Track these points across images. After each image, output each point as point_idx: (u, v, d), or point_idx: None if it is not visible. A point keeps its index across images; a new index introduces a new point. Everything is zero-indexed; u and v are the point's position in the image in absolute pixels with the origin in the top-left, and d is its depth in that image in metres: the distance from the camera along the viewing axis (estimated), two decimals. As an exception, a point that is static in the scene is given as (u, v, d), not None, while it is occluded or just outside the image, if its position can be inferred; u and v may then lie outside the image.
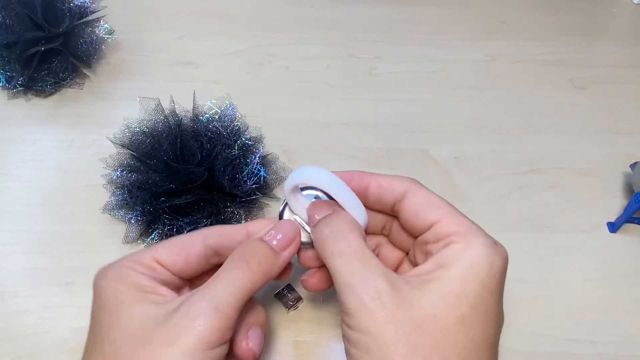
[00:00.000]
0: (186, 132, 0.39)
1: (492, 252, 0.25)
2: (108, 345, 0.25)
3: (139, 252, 0.29)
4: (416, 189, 0.29)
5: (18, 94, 0.48)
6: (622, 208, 0.42)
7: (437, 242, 0.27)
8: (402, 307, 0.24)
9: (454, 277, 0.25)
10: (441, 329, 0.24)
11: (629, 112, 0.49)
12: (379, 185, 0.29)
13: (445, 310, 0.24)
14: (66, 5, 0.48)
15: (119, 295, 0.26)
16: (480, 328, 0.24)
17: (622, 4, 0.60)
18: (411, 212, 0.28)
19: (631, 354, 0.35)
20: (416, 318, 0.24)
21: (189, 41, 0.54)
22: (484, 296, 0.25)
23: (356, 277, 0.25)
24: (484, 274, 0.25)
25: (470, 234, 0.26)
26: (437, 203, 0.28)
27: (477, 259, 0.25)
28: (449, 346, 0.23)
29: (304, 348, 0.35)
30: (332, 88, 0.51)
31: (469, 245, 0.26)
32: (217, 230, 0.30)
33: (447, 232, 0.27)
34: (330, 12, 0.58)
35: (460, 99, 0.50)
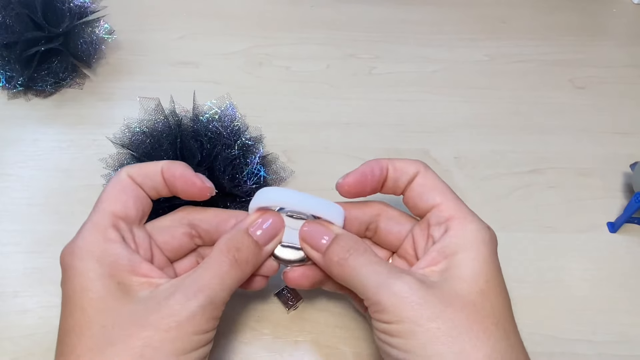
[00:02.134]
0: (186, 132, 0.39)
1: (488, 233, 0.29)
2: (98, 329, 0.25)
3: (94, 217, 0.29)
4: (425, 171, 0.31)
5: (18, 94, 0.48)
6: (622, 208, 0.42)
7: (438, 225, 0.30)
8: (430, 291, 0.26)
9: (462, 262, 0.27)
10: (469, 302, 0.26)
11: (629, 112, 0.49)
12: (395, 168, 0.32)
13: (467, 288, 0.27)
14: (66, 5, 0.48)
15: (103, 280, 0.26)
16: (499, 298, 0.27)
17: (622, 4, 0.60)
18: (417, 192, 0.31)
19: (631, 354, 0.35)
20: (445, 298, 0.26)
21: (189, 41, 0.54)
22: (492, 271, 0.28)
23: (383, 277, 0.27)
24: (486, 253, 0.28)
25: (467, 220, 0.29)
26: (440, 188, 0.31)
27: (477, 241, 0.28)
28: (481, 316, 0.26)
29: (304, 348, 0.35)
30: (332, 88, 0.51)
31: (467, 231, 0.28)
32: (139, 170, 0.31)
33: (447, 216, 0.29)
34: (330, 12, 0.58)
35: (460, 99, 0.50)
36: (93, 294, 0.26)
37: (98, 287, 0.26)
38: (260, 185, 0.40)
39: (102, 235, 0.28)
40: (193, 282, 0.27)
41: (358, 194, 0.32)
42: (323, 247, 0.30)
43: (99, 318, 0.26)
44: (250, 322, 0.35)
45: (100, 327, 0.25)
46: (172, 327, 0.25)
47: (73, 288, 0.27)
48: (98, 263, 0.27)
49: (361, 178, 0.31)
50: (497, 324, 0.26)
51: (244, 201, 0.39)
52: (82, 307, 0.26)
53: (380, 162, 0.32)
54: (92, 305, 0.26)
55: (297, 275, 0.32)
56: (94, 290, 0.26)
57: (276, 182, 0.42)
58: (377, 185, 0.32)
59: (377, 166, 0.31)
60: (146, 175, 0.30)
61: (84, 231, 0.28)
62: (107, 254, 0.27)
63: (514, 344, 0.26)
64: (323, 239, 0.30)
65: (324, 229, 0.31)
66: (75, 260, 0.27)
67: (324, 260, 0.30)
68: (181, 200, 0.36)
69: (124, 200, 0.30)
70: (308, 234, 0.31)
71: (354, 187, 0.31)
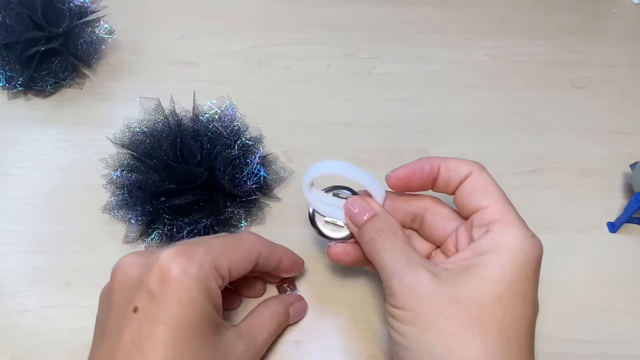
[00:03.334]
0: (186, 132, 0.39)
1: (529, 242, 0.27)
2: None
3: (219, 258, 0.29)
4: (479, 172, 0.31)
5: (18, 94, 0.48)
6: (622, 208, 0.42)
7: (480, 227, 0.29)
8: (440, 287, 0.27)
9: (491, 264, 0.27)
10: (478, 305, 0.26)
11: (629, 112, 0.49)
12: (447, 168, 0.31)
13: (482, 291, 0.26)
14: (66, 5, 0.48)
15: (207, 317, 0.28)
16: (517, 309, 0.26)
17: (622, 4, 0.60)
18: (466, 193, 0.31)
19: (631, 354, 0.35)
20: (453, 295, 0.26)
21: (189, 41, 0.54)
22: (520, 280, 0.26)
23: (399, 265, 0.28)
24: (520, 262, 0.27)
25: (510, 225, 0.28)
26: (491, 190, 0.30)
27: (513, 247, 0.27)
28: (487, 320, 0.25)
29: (304, 348, 0.35)
30: (332, 88, 0.51)
31: (506, 234, 0.28)
32: (266, 252, 0.32)
33: (491, 219, 0.29)
34: (330, 12, 0.58)
35: (460, 99, 0.50)
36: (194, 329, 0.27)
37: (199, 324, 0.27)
38: (260, 185, 0.40)
39: (213, 272, 0.29)
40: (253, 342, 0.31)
41: (405, 188, 0.32)
42: (361, 223, 0.31)
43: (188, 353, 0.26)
44: (250, 322, 0.35)
45: None
46: None
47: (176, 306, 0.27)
48: (208, 300, 0.28)
49: (410, 173, 0.32)
50: (501, 332, 0.25)
51: (244, 201, 0.39)
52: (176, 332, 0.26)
53: (432, 161, 0.32)
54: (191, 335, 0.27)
55: (340, 250, 0.33)
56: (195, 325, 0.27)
57: (276, 182, 0.42)
58: (426, 183, 0.32)
59: (428, 164, 0.32)
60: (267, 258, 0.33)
61: (205, 264, 0.28)
62: (213, 295, 0.28)
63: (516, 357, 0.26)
64: (365, 215, 0.31)
65: (366, 206, 0.32)
66: (194, 287, 0.27)
67: (359, 235, 0.31)
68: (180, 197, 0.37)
69: (241, 267, 0.31)
70: (351, 207, 0.32)
71: (401, 181, 0.32)
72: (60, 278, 0.37)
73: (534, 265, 0.27)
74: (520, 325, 0.26)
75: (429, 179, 0.32)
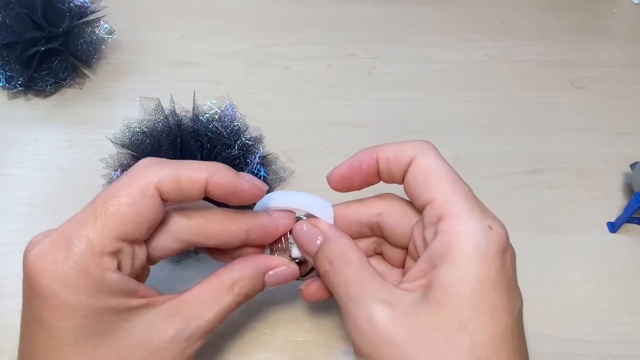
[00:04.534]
0: (186, 132, 0.39)
1: (484, 240, 0.23)
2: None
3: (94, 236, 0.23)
4: (422, 156, 0.26)
5: (18, 94, 0.48)
6: (622, 208, 0.42)
7: (430, 227, 0.25)
8: (398, 324, 0.23)
9: (445, 280, 0.23)
10: (441, 339, 0.22)
11: (629, 112, 0.49)
12: (386, 158, 0.27)
13: (443, 318, 0.22)
14: (66, 5, 0.48)
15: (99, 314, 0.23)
16: (488, 328, 0.22)
17: (622, 4, 0.60)
18: (412, 184, 0.26)
19: (631, 354, 0.35)
20: (414, 332, 0.22)
21: (189, 41, 0.54)
22: (483, 292, 0.22)
23: (352, 303, 0.24)
24: (478, 268, 0.22)
25: (458, 221, 0.24)
26: (438, 176, 0.25)
27: (466, 252, 0.23)
28: (453, 354, 0.22)
29: (304, 348, 0.35)
30: (332, 88, 0.51)
31: (456, 236, 0.23)
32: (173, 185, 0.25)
33: (439, 215, 0.24)
34: (330, 12, 0.58)
35: (460, 99, 0.50)
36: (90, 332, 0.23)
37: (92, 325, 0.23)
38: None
39: (98, 261, 0.23)
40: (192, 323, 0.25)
41: (347, 188, 0.28)
42: (314, 250, 0.27)
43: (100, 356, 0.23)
44: (250, 322, 0.35)
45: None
46: None
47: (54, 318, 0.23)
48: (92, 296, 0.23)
49: (348, 172, 0.28)
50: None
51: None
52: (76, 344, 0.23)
53: (369, 152, 0.28)
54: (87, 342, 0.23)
55: (313, 290, 0.29)
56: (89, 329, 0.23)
57: (276, 182, 0.42)
58: (368, 179, 0.28)
59: (366, 157, 0.27)
60: (181, 190, 0.25)
61: (77, 255, 0.23)
62: (103, 285, 0.23)
63: None
64: (316, 240, 0.27)
65: (314, 230, 0.27)
66: (67, 292, 0.22)
67: (317, 267, 0.27)
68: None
69: (138, 222, 0.24)
70: (300, 233, 0.28)
71: (342, 182, 0.28)
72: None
73: (495, 265, 0.23)
74: (495, 344, 0.22)
75: (369, 174, 0.28)
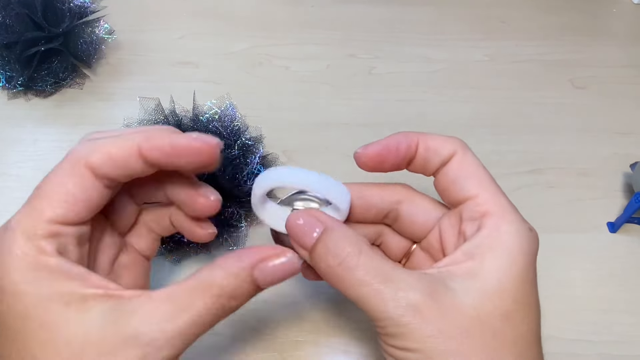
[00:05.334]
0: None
1: (528, 239, 0.24)
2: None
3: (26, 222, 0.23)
4: (463, 153, 0.26)
5: (18, 94, 0.48)
6: (622, 208, 0.42)
7: (472, 221, 0.25)
8: (444, 315, 0.22)
9: (490, 272, 0.23)
10: (488, 329, 0.22)
11: (629, 112, 0.49)
12: (427, 147, 0.27)
13: (488, 308, 0.23)
14: (66, 5, 0.48)
15: (48, 303, 0.21)
16: (526, 321, 0.23)
17: (622, 4, 0.60)
18: (450, 178, 0.26)
19: (631, 354, 0.35)
20: (461, 323, 0.22)
21: (189, 41, 0.54)
22: (524, 288, 0.23)
23: (388, 303, 0.22)
24: (521, 266, 0.23)
25: (506, 219, 0.25)
26: (480, 175, 0.26)
27: (511, 249, 0.24)
28: (500, 346, 0.22)
29: (304, 348, 0.35)
30: (332, 88, 0.51)
31: (503, 233, 0.24)
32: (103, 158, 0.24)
33: (483, 211, 0.25)
34: (330, 12, 0.58)
35: (460, 99, 0.50)
36: (38, 322, 0.21)
37: (42, 314, 0.21)
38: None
39: (35, 245, 0.22)
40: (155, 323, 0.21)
41: (376, 168, 0.27)
42: (310, 244, 0.25)
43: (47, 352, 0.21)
44: (250, 322, 0.35)
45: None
46: None
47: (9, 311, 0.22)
48: (37, 285, 0.21)
49: (383, 152, 0.27)
50: (517, 355, 0.23)
51: (243, 201, 0.39)
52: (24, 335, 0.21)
53: (409, 137, 0.27)
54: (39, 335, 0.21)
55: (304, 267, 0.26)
56: (37, 318, 0.21)
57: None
58: (401, 162, 0.27)
59: (405, 141, 0.27)
60: (115, 164, 0.23)
61: (10, 242, 0.22)
62: (44, 271, 0.22)
63: None
64: (314, 232, 0.25)
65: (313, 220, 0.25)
66: (7, 282, 0.22)
67: (313, 263, 0.25)
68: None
69: (70, 204, 0.23)
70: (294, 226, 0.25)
71: (373, 160, 0.27)
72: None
73: (533, 264, 0.24)
74: (531, 339, 0.23)
75: (405, 159, 0.27)
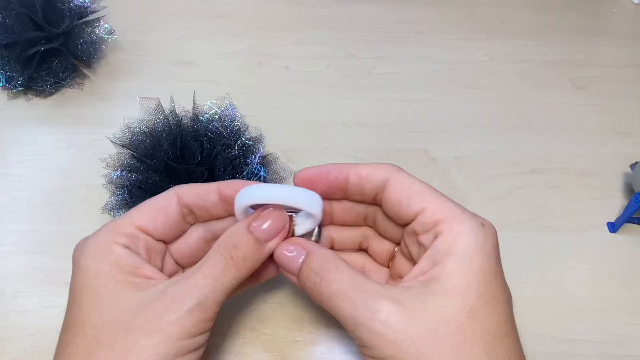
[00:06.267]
0: (186, 132, 0.39)
1: (482, 235, 0.25)
2: (90, 329, 0.25)
3: (118, 221, 0.28)
4: (396, 176, 0.28)
5: (18, 94, 0.48)
6: (622, 208, 0.42)
7: (427, 232, 0.27)
8: (412, 320, 0.24)
9: (451, 273, 0.25)
10: (456, 328, 0.24)
11: (629, 112, 0.49)
12: (359, 176, 0.29)
13: (454, 307, 0.24)
14: (66, 5, 0.48)
15: (102, 277, 0.26)
16: (494, 316, 0.24)
17: (622, 4, 0.60)
18: (394, 202, 0.28)
19: (631, 354, 0.35)
20: (429, 325, 0.24)
21: (189, 41, 0.54)
22: (487, 282, 0.25)
23: (359, 310, 0.25)
24: (480, 261, 0.25)
25: (457, 221, 0.26)
26: (419, 190, 0.28)
27: (468, 247, 0.25)
28: (469, 342, 0.24)
29: (304, 348, 0.35)
30: (332, 88, 0.51)
31: (457, 235, 0.25)
32: (190, 190, 0.30)
33: (434, 220, 0.26)
34: (330, 12, 0.58)
35: (460, 99, 0.50)
36: (91, 292, 0.26)
37: (96, 285, 0.26)
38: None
39: (113, 237, 0.27)
40: (183, 283, 0.26)
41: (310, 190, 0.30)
42: (297, 269, 0.28)
43: (93, 318, 0.25)
44: (250, 322, 0.35)
45: (92, 327, 0.25)
46: (156, 332, 0.24)
47: (76, 285, 0.27)
48: (100, 261, 0.27)
49: (314, 177, 0.29)
50: (488, 351, 0.24)
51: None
52: (79, 305, 0.26)
53: (340, 167, 0.29)
54: (89, 303, 0.26)
55: None
56: (92, 288, 0.26)
57: (276, 182, 0.42)
58: (331, 190, 0.30)
59: (336, 171, 0.29)
60: (197, 194, 0.29)
61: (101, 230, 0.28)
62: (111, 253, 0.27)
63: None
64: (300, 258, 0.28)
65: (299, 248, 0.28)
66: (82, 257, 0.27)
67: (301, 285, 0.28)
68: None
69: (153, 217, 0.29)
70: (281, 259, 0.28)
71: (305, 183, 0.29)
72: (60, 278, 0.37)
73: (493, 258, 0.25)
74: (501, 331, 0.24)
75: (334, 186, 0.29)
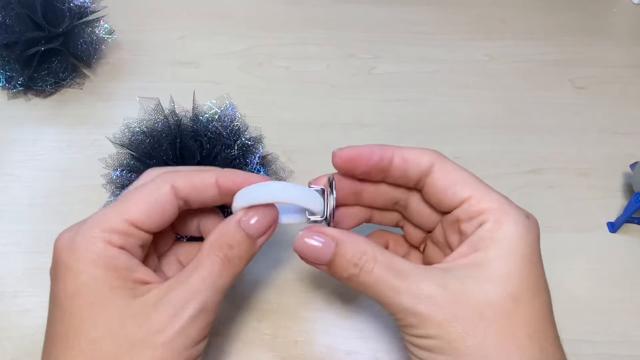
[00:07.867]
0: (186, 132, 0.39)
1: (526, 227, 0.25)
2: (87, 343, 0.24)
3: (107, 214, 0.26)
4: (442, 163, 0.28)
5: (18, 94, 0.48)
6: (622, 208, 0.42)
7: (470, 221, 0.26)
8: (457, 301, 0.24)
9: (494, 260, 0.25)
10: (501, 311, 0.24)
11: (629, 112, 0.49)
12: (404, 159, 0.28)
13: (498, 292, 0.24)
14: (66, 5, 0.48)
15: (96, 283, 0.24)
16: (535, 302, 0.25)
17: (622, 4, 0.60)
18: (440, 188, 0.28)
19: (631, 354, 0.35)
20: (474, 307, 0.24)
21: (189, 41, 0.54)
22: (529, 272, 0.25)
23: (402, 296, 0.25)
24: (523, 251, 0.25)
25: (502, 211, 0.26)
26: (466, 178, 0.27)
27: (512, 237, 0.25)
28: (514, 327, 0.24)
29: (304, 348, 0.35)
30: (332, 88, 0.51)
31: (502, 224, 0.25)
32: (186, 182, 0.28)
33: (479, 210, 0.26)
34: (331, 12, 0.58)
35: (460, 99, 0.50)
36: (83, 300, 0.24)
37: (90, 292, 0.24)
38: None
39: (106, 236, 0.26)
40: (182, 288, 0.25)
41: (348, 171, 0.29)
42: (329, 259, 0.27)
43: (88, 329, 0.24)
44: (251, 322, 0.35)
45: (90, 341, 0.24)
46: (161, 344, 0.24)
47: (64, 290, 0.25)
48: (94, 265, 0.25)
49: (355, 157, 0.28)
50: (531, 337, 0.24)
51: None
52: (70, 314, 0.24)
53: (384, 149, 0.28)
54: (82, 312, 0.24)
55: None
56: (85, 296, 0.24)
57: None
58: (373, 171, 0.29)
59: (379, 152, 0.28)
60: (194, 188, 0.28)
61: (89, 225, 0.26)
62: (106, 256, 0.25)
63: (551, 356, 0.25)
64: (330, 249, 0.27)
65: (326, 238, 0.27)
66: (72, 259, 0.25)
67: (334, 274, 0.27)
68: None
69: (147, 211, 0.26)
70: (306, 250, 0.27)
71: (345, 163, 0.29)
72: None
73: (535, 249, 0.26)
74: (542, 319, 0.25)
75: (377, 168, 0.28)
